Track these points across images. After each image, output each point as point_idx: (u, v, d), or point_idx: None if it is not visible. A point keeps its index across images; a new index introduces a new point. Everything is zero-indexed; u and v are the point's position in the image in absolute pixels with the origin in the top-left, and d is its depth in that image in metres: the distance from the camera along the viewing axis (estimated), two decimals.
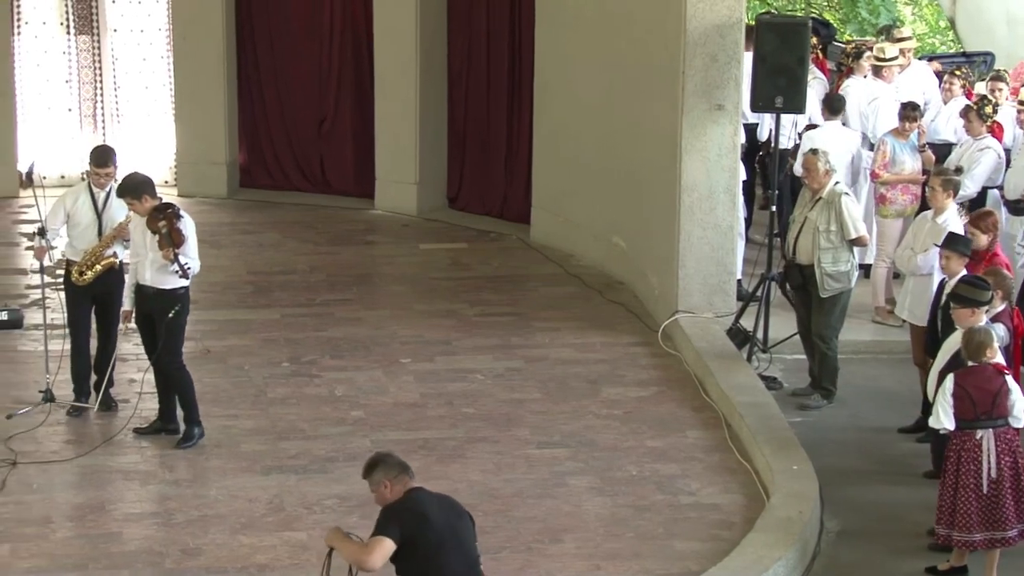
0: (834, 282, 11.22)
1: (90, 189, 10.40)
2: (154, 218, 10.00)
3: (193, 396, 10.27)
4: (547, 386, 11.49)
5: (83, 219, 10.34)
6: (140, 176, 10.32)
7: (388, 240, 15.41)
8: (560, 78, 14.64)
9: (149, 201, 10.06)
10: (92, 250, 10.34)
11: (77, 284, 10.35)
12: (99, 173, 10.32)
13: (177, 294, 10.14)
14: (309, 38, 16.61)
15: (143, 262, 10.12)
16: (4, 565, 8.58)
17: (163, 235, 9.98)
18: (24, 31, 16.62)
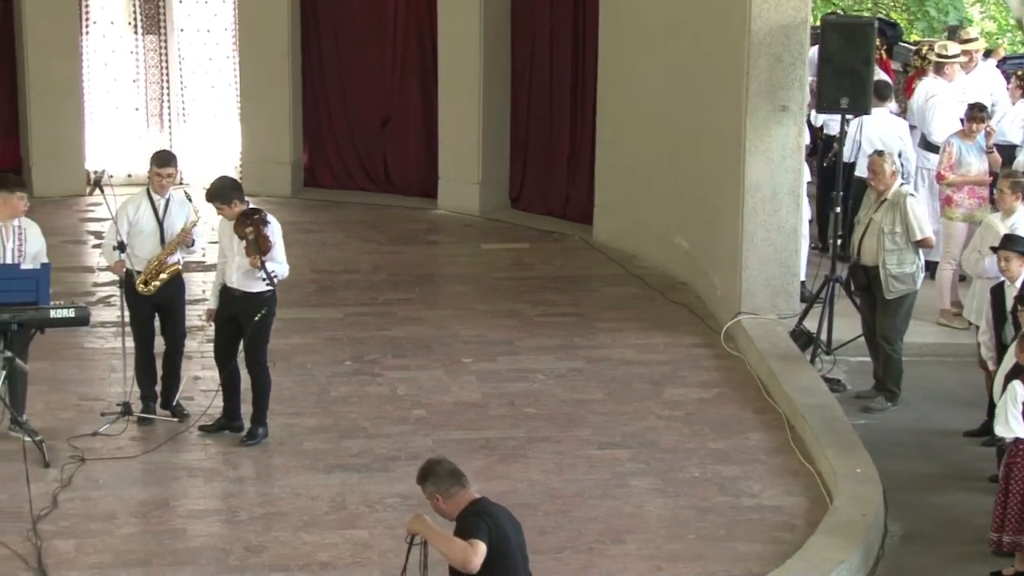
0: (899, 284, 11.15)
1: (150, 196, 10.34)
2: (241, 224, 10.00)
3: (268, 398, 10.33)
4: (609, 387, 11.48)
5: (146, 227, 10.29)
6: (228, 180, 10.35)
7: (450, 240, 15.44)
8: (623, 78, 14.62)
9: (238, 205, 10.07)
10: (156, 259, 10.29)
11: (141, 294, 10.28)
12: (160, 174, 10.29)
13: (264, 297, 10.17)
14: (373, 38, 16.67)
15: (230, 265, 10.12)
16: (70, 560, 8.66)
17: (250, 242, 9.99)
18: (92, 31, 16.77)
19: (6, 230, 9.99)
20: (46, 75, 16.32)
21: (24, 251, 10.03)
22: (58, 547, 8.80)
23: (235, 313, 10.17)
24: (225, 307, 10.24)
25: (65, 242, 14.82)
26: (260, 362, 10.26)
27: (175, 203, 10.38)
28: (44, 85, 16.33)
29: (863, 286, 11.42)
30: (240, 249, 10.06)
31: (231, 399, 10.40)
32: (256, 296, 10.15)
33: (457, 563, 6.96)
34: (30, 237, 10.10)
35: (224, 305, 10.24)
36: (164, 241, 10.31)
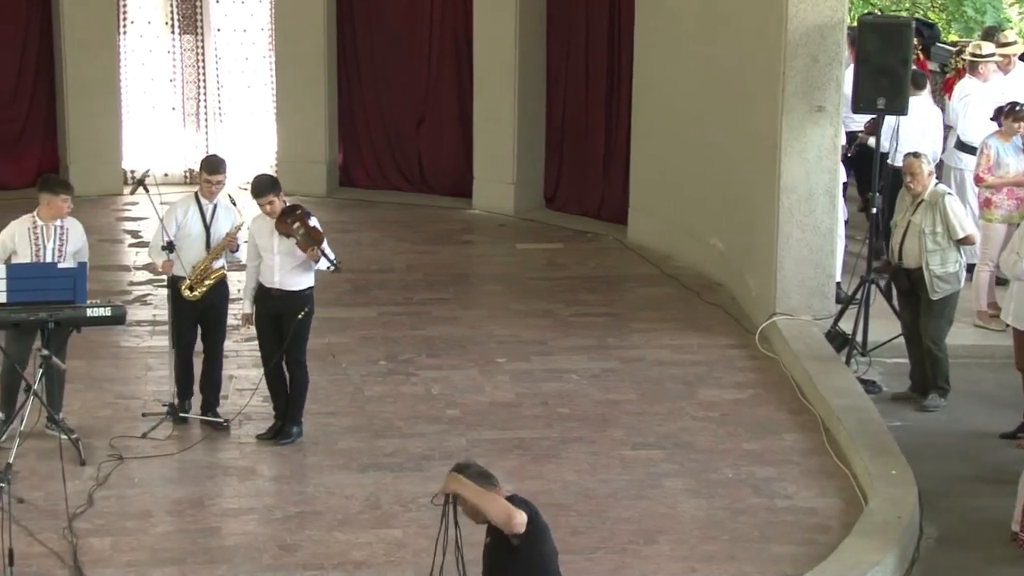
0: (944, 283, 11.12)
1: (198, 200, 10.32)
2: (284, 221, 10.01)
3: (305, 398, 10.34)
4: (643, 387, 11.46)
5: (193, 231, 10.25)
6: (271, 175, 10.36)
7: (485, 240, 15.45)
8: (659, 78, 14.60)
9: (280, 201, 10.11)
10: (201, 264, 10.24)
11: (187, 300, 10.25)
12: (211, 181, 10.25)
13: (306, 295, 10.19)
14: (409, 37, 16.69)
15: (270, 265, 10.10)
16: (105, 558, 8.70)
17: (301, 236, 10.01)
18: (130, 31, 16.85)
19: (47, 230, 10.04)
20: (84, 75, 16.40)
21: (64, 251, 10.08)
22: (93, 545, 8.84)
23: (278, 313, 10.16)
24: (266, 308, 10.22)
25: (102, 241, 14.89)
26: (300, 361, 10.28)
27: (221, 208, 10.35)
28: (82, 85, 16.42)
29: (906, 289, 11.37)
30: (280, 247, 10.06)
31: (282, 400, 10.41)
32: (298, 294, 10.17)
33: (500, 518, 6.70)
34: (72, 237, 10.16)
35: (264, 306, 10.21)
36: (210, 246, 10.29)
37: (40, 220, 10.05)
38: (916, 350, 11.43)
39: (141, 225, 15.55)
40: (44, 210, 10.06)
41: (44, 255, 9.99)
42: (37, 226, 10.04)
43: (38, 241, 10.00)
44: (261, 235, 10.17)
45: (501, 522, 6.71)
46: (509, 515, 6.67)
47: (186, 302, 10.26)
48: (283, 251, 10.09)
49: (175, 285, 10.26)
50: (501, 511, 6.69)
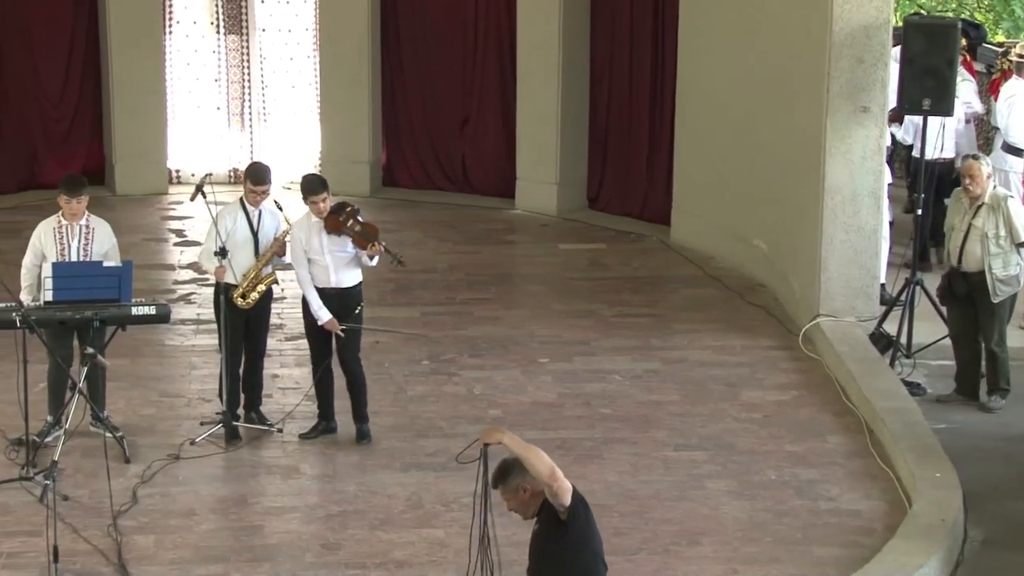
0: (1005, 286, 11.07)
1: (244, 207, 10.26)
2: (336, 220, 10.01)
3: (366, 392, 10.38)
4: (685, 388, 11.44)
5: (241, 238, 10.19)
6: (319, 175, 10.32)
7: (528, 240, 15.45)
8: (703, 79, 14.57)
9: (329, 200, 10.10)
10: (252, 271, 10.19)
11: (239, 308, 10.17)
12: (256, 191, 10.18)
13: (359, 290, 10.23)
14: (453, 38, 16.71)
15: (323, 266, 10.07)
16: (149, 556, 8.75)
17: (357, 233, 10.02)
18: (175, 31, 16.94)
19: (72, 229, 10.08)
20: (130, 75, 16.49)
21: (90, 251, 10.09)
22: (138, 542, 8.89)
23: (334, 311, 10.13)
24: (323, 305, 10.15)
25: (146, 240, 15.00)
26: (358, 358, 10.30)
27: (266, 213, 10.31)
28: (128, 85, 16.51)
29: (964, 293, 11.26)
30: (331, 247, 10.05)
31: (329, 401, 10.43)
32: (352, 291, 10.20)
33: (544, 472, 6.56)
34: (97, 237, 10.14)
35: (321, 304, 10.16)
36: (258, 252, 10.25)
37: (64, 220, 10.09)
38: (964, 352, 11.36)
39: (185, 224, 15.63)
40: (65, 210, 10.11)
41: (69, 255, 10.03)
42: (62, 226, 10.09)
43: (63, 241, 10.05)
44: (308, 239, 10.13)
45: (545, 475, 6.55)
46: (553, 470, 6.51)
47: (235, 309, 10.17)
48: (333, 250, 10.08)
49: (225, 293, 10.16)
50: (546, 466, 6.52)
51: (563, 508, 6.63)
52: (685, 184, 15.01)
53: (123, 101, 16.55)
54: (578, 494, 6.70)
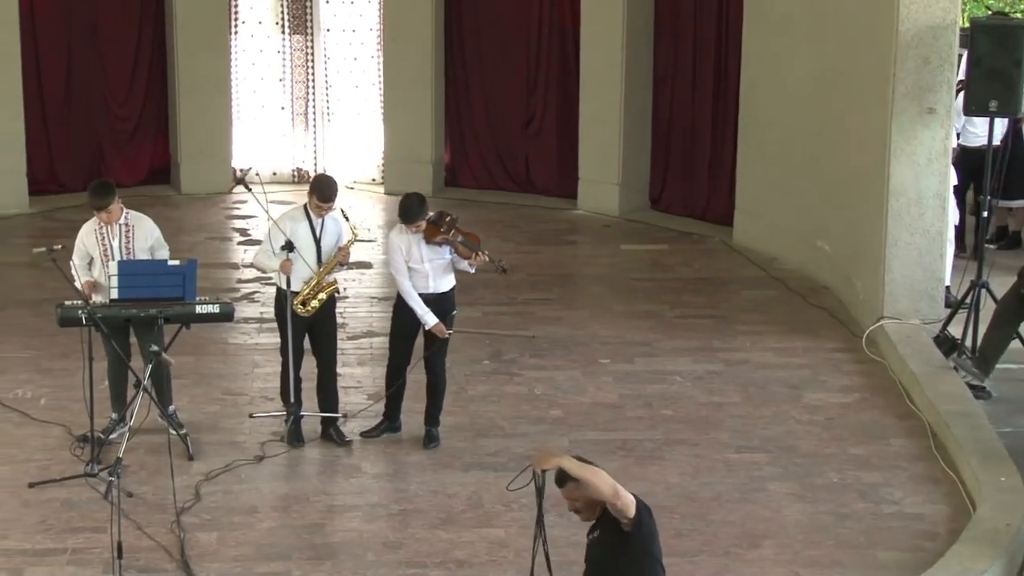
0: None
1: (308, 215, 10.16)
2: (437, 231, 10.01)
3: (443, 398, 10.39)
4: (747, 390, 11.40)
5: (302, 245, 10.08)
6: (416, 196, 10.08)
7: (589, 240, 15.44)
8: (767, 79, 14.51)
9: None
10: (314, 279, 10.10)
11: (299, 315, 10.09)
12: (322, 207, 10.07)
13: (453, 295, 10.24)
14: (516, 38, 16.73)
15: (423, 274, 10.06)
16: (212, 552, 8.80)
17: (461, 244, 10.05)
18: (241, 30, 17.05)
19: (111, 229, 10.13)
20: (196, 74, 16.62)
21: (132, 247, 10.14)
22: (200, 539, 8.95)
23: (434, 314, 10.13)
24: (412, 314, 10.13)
25: (210, 239, 15.10)
26: (444, 363, 10.31)
27: (330, 220, 10.20)
28: (193, 84, 16.63)
29: None
30: (429, 256, 10.05)
31: (399, 402, 10.43)
32: (448, 295, 10.21)
33: (608, 492, 6.42)
34: (138, 234, 10.17)
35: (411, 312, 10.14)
36: (320, 259, 10.16)
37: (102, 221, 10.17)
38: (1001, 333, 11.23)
39: (250, 223, 15.73)
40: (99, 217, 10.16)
41: (112, 254, 10.10)
42: (101, 227, 10.15)
43: (104, 241, 10.12)
44: (408, 248, 10.08)
45: (608, 495, 6.44)
46: (616, 489, 6.39)
47: (296, 316, 10.10)
48: (433, 258, 10.09)
49: (286, 299, 10.08)
50: (608, 485, 6.38)
51: (628, 520, 6.56)
52: (748, 185, 14.95)
53: (189, 101, 16.68)
54: (641, 503, 6.59)
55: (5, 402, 10.82)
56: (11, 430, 10.38)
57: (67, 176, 16.61)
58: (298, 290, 10.09)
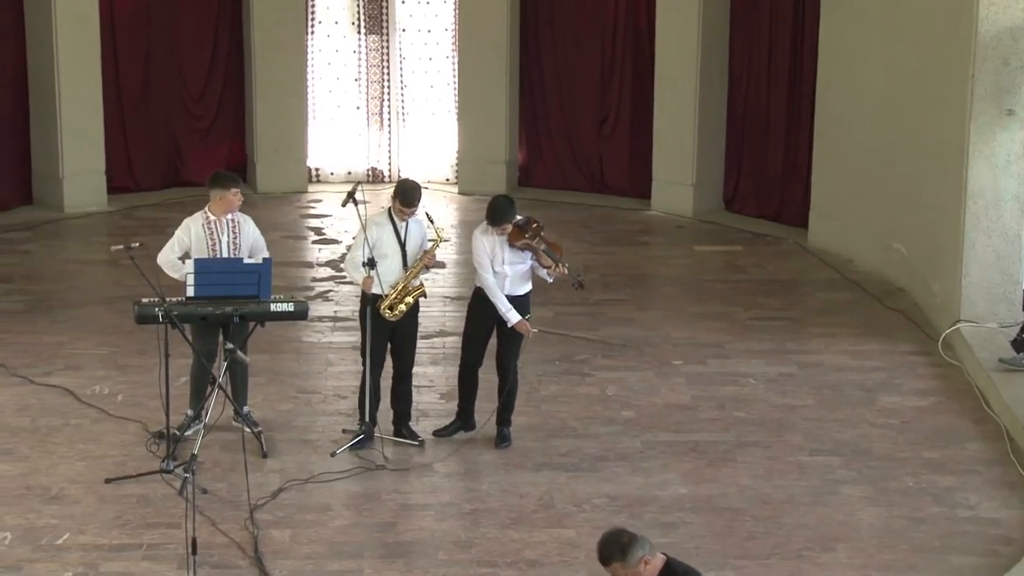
0: None
1: (392, 220, 10.12)
2: (522, 236, 10.01)
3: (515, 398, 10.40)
4: (821, 392, 11.33)
5: (388, 250, 10.07)
6: (505, 199, 10.08)
7: (663, 241, 15.40)
8: (843, 80, 14.41)
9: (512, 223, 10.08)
10: (401, 283, 10.08)
11: (385, 319, 10.06)
12: (404, 211, 10.05)
13: (528, 299, 10.23)
14: (591, 38, 16.72)
15: (502, 276, 10.06)
16: (285, 549, 8.86)
17: (543, 252, 10.03)
18: (317, 30, 17.15)
19: (220, 224, 10.21)
20: (272, 74, 16.74)
21: (239, 244, 10.23)
22: (274, 536, 9.01)
23: (502, 318, 10.14)
24: (490, 312, 10.13)
25: (285, 237, 15.20)
26: (517, 365, 10.30)
27: (414, 224, 10.18)
28: (270, 84, 16.76)
29: None
30: (510, 259, 10.05)
31: (471, 402, 10.46)
32: (523, 299, 10.19)
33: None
34: (244, 231, 10.27)
35: (490, 310, 10.12)
36: (405, 263, 10.15)
37: (212, 215, 10.21)
38: None
39: (324, 222, 15.83)
40: (216, 205, 10.20)
41: (220, 250, 10.15)
42: (210, 221, 10.21)
43: (212, 236, 10.17)
44: (493, 248, 10.10)
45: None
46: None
47: (380, 321, 10.08)
48: (513, 262, 10.10)
49: (373, 303, 10.05)
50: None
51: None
52: (824, 187, 14.86)
53: (265, 100, 16.80)
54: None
55: (83, 398, 10.94)
56: (88, 426, 10.50)
57: (144, 175, 16.78)
58: (384, 295, 10.08)
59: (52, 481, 9.61)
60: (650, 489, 9.64)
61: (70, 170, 15.90)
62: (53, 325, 12.54)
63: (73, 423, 10.53)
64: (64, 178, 15.88)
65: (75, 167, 15.92)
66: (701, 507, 9.42)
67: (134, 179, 16.74)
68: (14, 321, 12.59)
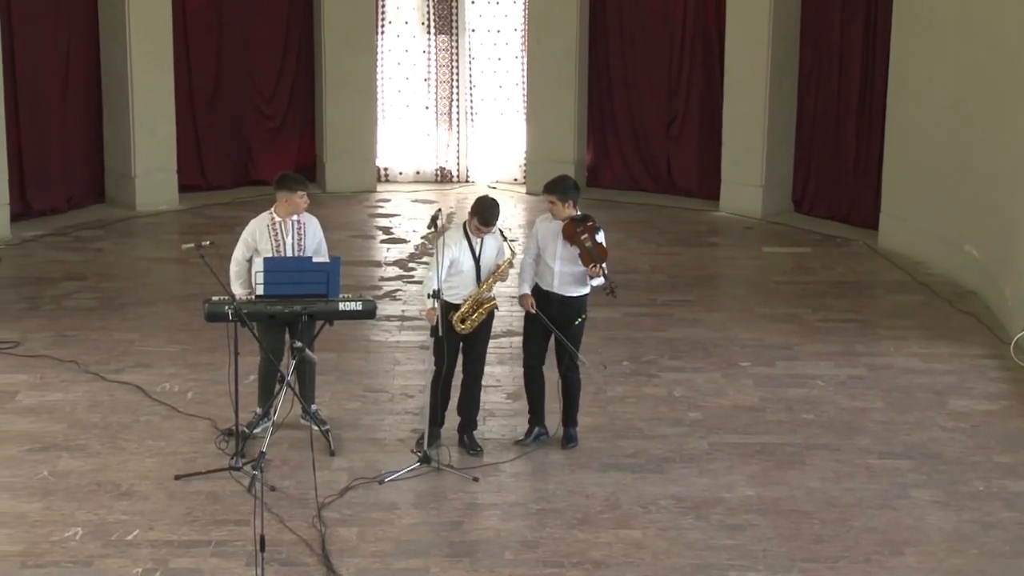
0: None
1: (467, 236, 10.06)
2: (574, 228, 9.97)
3: (579, 399, 10.35)
4: (891, 395, 11.25)
5: (464, 266, 10.03)
6: (571, 180, 10.18)
7: (731, 242, 15.34)
8: (915, 80, 14.31)
9: (570, 207, 10.04)
10: (473, 298, 10.02)
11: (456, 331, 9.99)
12: (482, 230, 9.97)
13: (581, 301, 10.14)
14: (660, 40, 16.69)
15: (549, 268, 10.05)
16: (352, 547, 8.90)
17: (586, 249, 9.96)
18: (387, 30, 17.22)
19: (285, 225, 10.26)
20: (342, 74, 16.83)
21: (303, 245, 10.28)
22: (341, 534, 9.05)
23: (552, 317, 10.12)
24: (547, 311, 10.09)
25: (354, 237, 15.28)
26: (576, 365, 10.26)
27: (489, 239, 10.11)
28: (340, 83, 16.85)
29: None
30: (563, 254, 10.02)
31: (540, 402, 10.47)
32: (574, 300, 10.13)
33: None
34: (309, 232, 10.31)
35: (541, 309, 10.09)
36: (479, 277, 10.08)
37: (278, 216, 10.26)
38: None
39: (392, 222, 15.88)
40: (282, 207, 10.25)
41: (284, 251, 10.21)
42: (275, 222, 10.26)
43: (277, 237, 10.22)
44: (545, 237, 10.08)
45: None
46: None
47: (452, 332, 10.01)
48: (564, 257, 10.03)
49: (445, 314, 9.97)
50: None
51: None
52: (895, 188, 14.75)
53: (335, 100, 16.90)
54: None
55: (153, 395, 11.04)
56: (158, 423, 10.59)
57: (215, 174, 16.92)
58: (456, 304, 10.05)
59: (122, 477, 9.70)
60: (717, 491, 9.61)
61: (142, 169, 16.06)
62: (124, 322, 12.67)
63: (143, 420, 10.63)
64: (136, 177, 16.04)
65: (147, 166, 16.08)
66: (768, 509, 9.37)
67: (205, 178, 16.88)
68: (87, 318, 12.73)
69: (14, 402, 10.86)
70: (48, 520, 9.06)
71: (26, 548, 8.71)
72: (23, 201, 15.59)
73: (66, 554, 8.66)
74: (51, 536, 8.86)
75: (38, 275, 13.96)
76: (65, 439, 10.24)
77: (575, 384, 10.29)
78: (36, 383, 11.22)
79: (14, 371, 11.44)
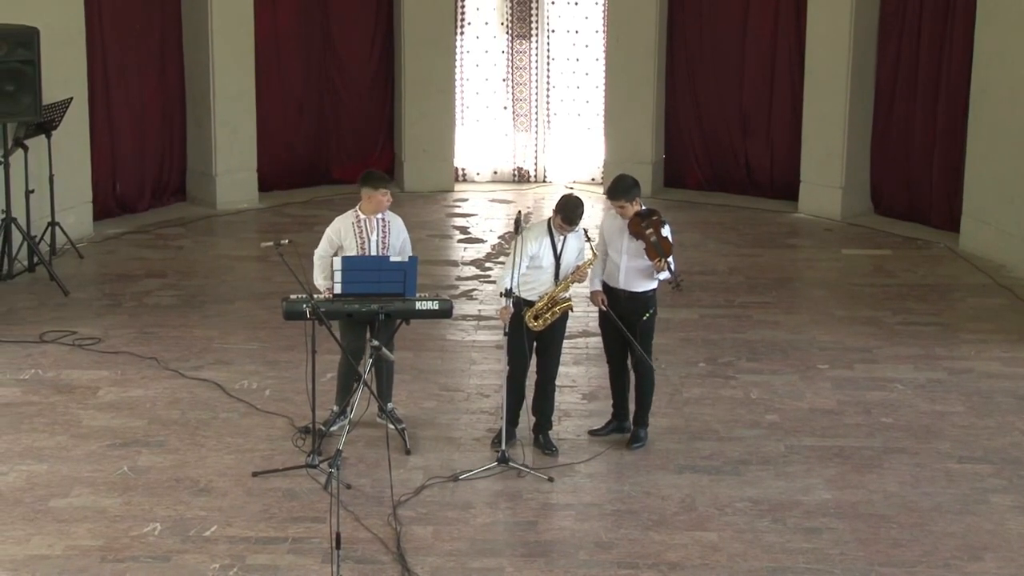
0: None
1: (551, 232, 10.04)
2: (638, 224, 9.95)
3: (651, 398, 10.36)
4: (971, 400, 11.13)
5: (544, 263, 10.02)
6: (631, 179, 10.16)
7: (810, 244, 15.25)
8: (999, 81, 14.15)
9: (637, 203, 10.05)
10: (549, 296, 10.00)
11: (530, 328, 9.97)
12: (565, 228, 9.97)
13: (649, 296, 10.13)
14: (740, 41, 16.61)
15: (616, 264, 10.05)
16: (427, 546, 8.92)
17: (651, 244, 9.93)
18: (467, 31, 17.26)
19: (370, 223, 10.31)
20: (422, 74, 16.88)
21: (388, 243, 10.33)
22: (416, 532, 9.08)
23: (621, 314, 10.11)
24: (616, 308, 10.11)
25: (431, 236, 15.32)
26: (647, 361, 10.22)
27: (572, 238, 10.10)
28: (419, 83, 16.90)
29: None
30: (629, 249, 10.02)
31: (624, 399, 10.45)
32: (642, 296, 10.13)
33: None
34: (393, 230, 10.37)
35: (615, 307, 10.11)
36: (558, 276, 10.07)
37: (363, 214, 10.31)
38: None
39: (470, 222, 15.91)
40: (366, 204, 10.31)
41: (369, 248, 10.25)
42: (360, 220, 10.31)
43: (362, 235, 10.27)
44: (611, 233, 10.12)
45: None
46: None
47: (526, 329, 9.99)
48: (630, 252, 10.03)
49: (520, 310, 9.98)
50: None
51: None
52: (977, 190, 14.60)
53: (414, 100, 16.95)
54: None
55: (232, 392, 11.13)
56: (237, 420, 10.68)
57: (295, 173, 17.03)
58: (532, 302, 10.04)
59: (201, 473, 9.79)
60: (793, 494, 9.55)
61: (223, 167, 16.20)
62: (204, 320, 12.78)
63: (222, 417, 10.72)
64: (217, 175, 16.18)
65: (228, 164, 16.21)
66: (846, 513, 9.30)
67: (284, 177, 16.99)
68: (167, 315, 12.86)
69: (95, 398, 10.99)
70: (127, 515, 9.16)
71: (106, 543, 8.81)
72: (108, 198, 15.75)
73: (145, 549, 8.75)
74: (130, 531, 8.96)
75: (120, 272, 14.12)
76: (145, 435, 10.35)
77: (646, 382, 10.24)
78: (117, 379, 11.35)
79: (96, 367, 11.58)
